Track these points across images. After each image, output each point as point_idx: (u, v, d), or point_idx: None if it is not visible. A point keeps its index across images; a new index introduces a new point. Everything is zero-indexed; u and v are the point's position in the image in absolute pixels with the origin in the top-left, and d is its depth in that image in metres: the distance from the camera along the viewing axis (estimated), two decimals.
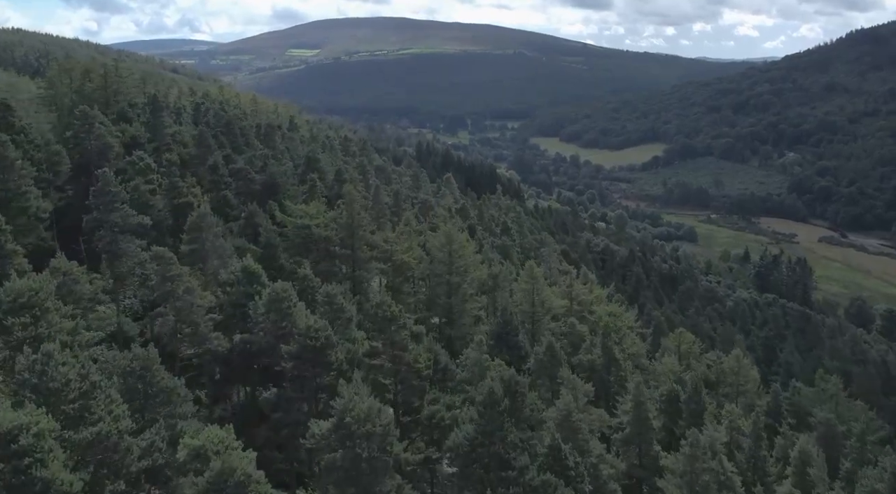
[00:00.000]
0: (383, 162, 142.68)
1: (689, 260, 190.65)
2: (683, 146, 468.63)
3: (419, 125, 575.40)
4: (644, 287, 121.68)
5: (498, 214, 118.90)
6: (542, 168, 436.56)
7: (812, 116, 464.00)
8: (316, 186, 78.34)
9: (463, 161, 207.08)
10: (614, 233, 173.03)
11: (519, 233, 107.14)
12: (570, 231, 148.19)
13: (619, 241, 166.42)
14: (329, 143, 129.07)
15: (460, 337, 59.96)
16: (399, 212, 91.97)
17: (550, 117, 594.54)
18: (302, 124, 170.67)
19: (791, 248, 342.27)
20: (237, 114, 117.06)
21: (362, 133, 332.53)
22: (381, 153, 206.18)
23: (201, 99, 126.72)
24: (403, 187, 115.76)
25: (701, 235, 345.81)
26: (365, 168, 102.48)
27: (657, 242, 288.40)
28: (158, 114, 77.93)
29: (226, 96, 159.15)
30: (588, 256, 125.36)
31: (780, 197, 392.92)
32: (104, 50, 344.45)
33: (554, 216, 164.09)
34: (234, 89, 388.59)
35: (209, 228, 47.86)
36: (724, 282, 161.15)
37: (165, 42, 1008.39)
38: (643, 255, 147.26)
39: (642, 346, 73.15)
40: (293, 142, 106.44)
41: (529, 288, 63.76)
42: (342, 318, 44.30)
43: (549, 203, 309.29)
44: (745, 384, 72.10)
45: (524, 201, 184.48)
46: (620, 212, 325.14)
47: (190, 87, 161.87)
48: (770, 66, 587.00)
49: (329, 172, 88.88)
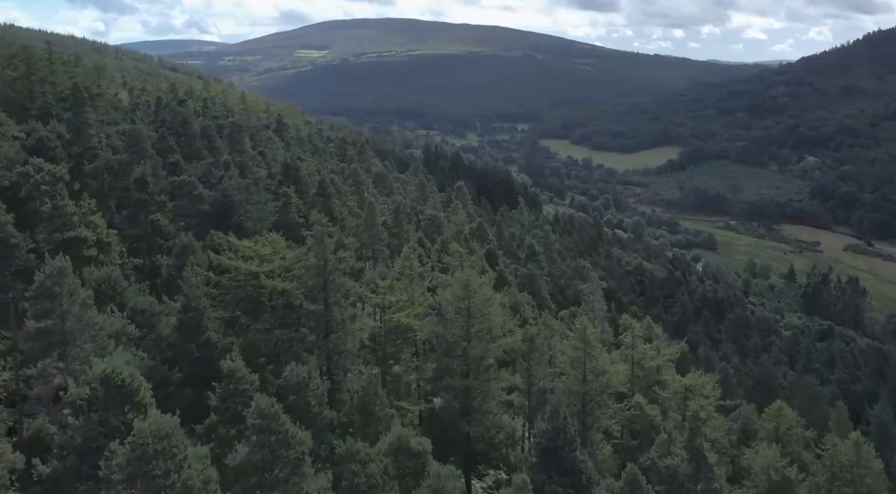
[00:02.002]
0: (385, 167, 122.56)
1: (726, 277, 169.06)
2: (697, 149, 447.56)
3: (427, 127, 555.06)
4: (691, 316, 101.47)
5: (520, 233, 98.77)
6: (553, 171, 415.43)
7: (830, 119, 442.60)
8: (290, 204, 58.48)
9: (474, 165, 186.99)
10: (640, 246, 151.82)
11: (547, 256, 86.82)
12: (600, 248, 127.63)
13: (649, 257, 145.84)
14: (322, 147, 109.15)
15: (484, 437, 40.12)
16: (400, 233, 72.09)
17: (560, 119, 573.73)
18: (298, 125, 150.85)
19: (815, 257, 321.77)
20: (216, 112, 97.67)
21: (367, 134, 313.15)
22: (384, 157, 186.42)
23: (169, 93, 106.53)
24: (408, 198, 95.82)
25: (720, 242, 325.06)
26: (360, 178, 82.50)
27: (683, 253, 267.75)
28: (81, 110, 57.89)
29: (211, 93, 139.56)
30: (627, 282, 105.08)
31: (800, 202, 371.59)
32: (100, 47, 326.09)
33: (577, 228, 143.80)
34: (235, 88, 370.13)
35: (72, 294, 27.97)
36: (768, 305, 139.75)
37: (173, 43, 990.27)
38: (683, 276, 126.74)
39: (723, 423, 53.04)
40: (272, 146, 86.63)
41: (580, 355, 43.82)
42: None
43: (563, 209, 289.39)
44: (865, 477, 52.22)
45: (542, 210, 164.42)
46: (637, 218, 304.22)
47: (172, 83, 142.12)
48: (785, 69, 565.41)
49: (312, 184, 68.95)
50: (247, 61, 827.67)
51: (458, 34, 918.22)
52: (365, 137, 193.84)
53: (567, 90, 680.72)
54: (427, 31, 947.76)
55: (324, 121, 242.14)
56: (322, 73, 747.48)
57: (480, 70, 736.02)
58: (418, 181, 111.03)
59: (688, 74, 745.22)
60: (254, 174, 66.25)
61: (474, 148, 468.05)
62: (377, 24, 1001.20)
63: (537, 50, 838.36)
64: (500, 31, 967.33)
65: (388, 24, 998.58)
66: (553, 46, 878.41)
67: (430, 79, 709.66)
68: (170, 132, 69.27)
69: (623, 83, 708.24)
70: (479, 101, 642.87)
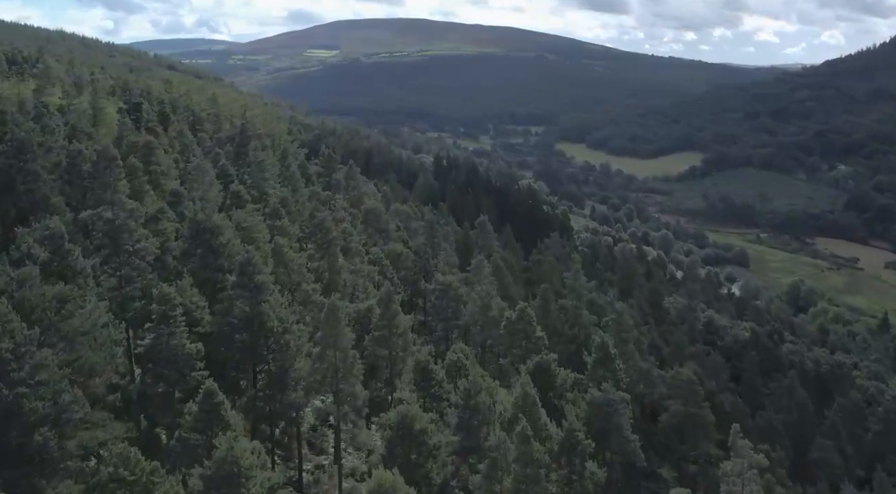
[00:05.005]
0: (385, 193, 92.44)
1: (782, 314, 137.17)
2: (720, 155, 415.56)
3: (438, 129, 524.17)
4: (809, 419, 70.89)
5: (575, 306, 67.44)
6: (570, 177, 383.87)
7: (860, 125, 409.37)
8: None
9: (492, 178, 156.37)
10: (697, 286, 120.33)
11: (621, 350, 55.65)
12: (662, 302, 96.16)
13: (708, 298, 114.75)
14: (293, 172, 78.98)
15: None
16: (390, 347, 41.84)
17: (575, 122, 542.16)
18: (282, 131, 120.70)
19: (855, 275, 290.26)
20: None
21: (375, 138, 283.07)
22: (389, 167, 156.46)
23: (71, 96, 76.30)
24: (405, 264, 65.84)
25: (752, 258, 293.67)
26: (331, 237, 52.95)
27: (717, 272, 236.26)
28: None
29: (172, 93, 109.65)
30: (722, 372, 74.31)
31: (833, 214, 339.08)
32: (90, 43, 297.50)
33: (621, 264, 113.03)
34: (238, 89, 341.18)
35: None
36: (862, 365, 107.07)
37: (183, 41, 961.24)
38: (776, 337, 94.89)
39: None
40: (203, 177, 56.75)
41: None
42: None
43: (585, 221, 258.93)
44: None
45: (572, 236, 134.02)
46: (665, 232, 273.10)
47: (125, 82, 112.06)
48: (808, 72, 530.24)
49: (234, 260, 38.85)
50: (256, 61, 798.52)
51: (469, 34, 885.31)
52: (366, 146, 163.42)
53: (581, 92, 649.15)
54: (438, 31, 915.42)
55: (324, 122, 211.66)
56: (332, 72, 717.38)
57: (492, 71, 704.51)
58: (427, 223, 78.59)
59: (703, 77, 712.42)
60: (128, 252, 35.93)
61: (487, 152, 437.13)
62: (387, 25, 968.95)
63: (549, 51, 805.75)
64: (511, 31, 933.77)
65: (399, 24, 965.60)
66: (565, 47, 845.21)
67: (441, 79, 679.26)
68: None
69: (638, 85, 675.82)
70: (491, 103, 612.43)
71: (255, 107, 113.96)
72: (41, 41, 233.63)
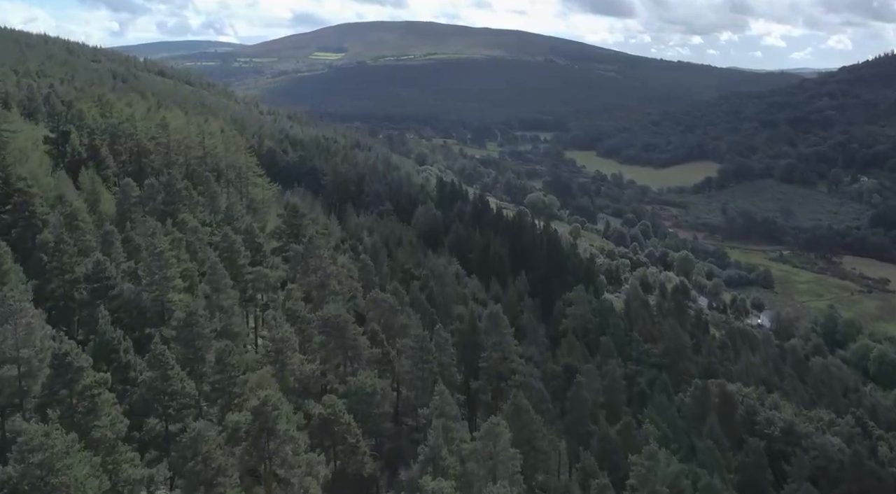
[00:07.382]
0: (364, 261, 68.86)
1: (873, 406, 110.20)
2: (738, 166, 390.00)
3: (445, 134, 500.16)
4: None
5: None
6: (581, 188, 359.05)
7: (884, 135, 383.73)
8: None
9: (505, 217, 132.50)
10: (743, 356, 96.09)
11: None
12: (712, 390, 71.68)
13: (770, 375, 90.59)
14: (232, 248, 55.45)
15: None
16: None
17: (585, 129, 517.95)
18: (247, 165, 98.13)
19: (887, 299, 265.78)
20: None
21: (376, 149, 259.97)
22: (386, 197, 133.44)
23: None
24: (373, 414, 41.84)
25: (776, 278, 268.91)
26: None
27: (743, 298, 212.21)
28: None
29: (110, 119, 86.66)
30: None
31: (860, 230, 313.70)
32: (74, 47, 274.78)
33: (667, 338, 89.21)
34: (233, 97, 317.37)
35: None
36: None
37: (189, 44, 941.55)
38: (868, 454, 71.07)
39: None
40: None
41: None
42: None
43: (599, 242, 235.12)
44: None
45: (599, 289, 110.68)
46: (685, 252, 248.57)
47: (52, 100, 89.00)
48: (826, 78, 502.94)
49: None
50: (262, 63, 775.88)
51: (477, 38, 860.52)
52: (360, 171, 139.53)
53: (591, 97, 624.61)
54: (446, 34, 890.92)
55: (318, 138, 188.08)
56: (338, 75, 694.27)
57: (501, 75, 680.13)
58: (418, 342, 53.21)
59: (713, 82, 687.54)
60: None
61: (495, 161, 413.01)
62: (395, 27, 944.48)
63: (558, 55, 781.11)
64: (520, 35, 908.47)
65: (407, 27, 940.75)
66: (574, 52, 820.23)
67: (449, 83, 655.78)
68: None
69: (648, 90, 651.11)
70: (499, 108, 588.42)
71: (213, 136, 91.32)
72: (14, 44, 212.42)
